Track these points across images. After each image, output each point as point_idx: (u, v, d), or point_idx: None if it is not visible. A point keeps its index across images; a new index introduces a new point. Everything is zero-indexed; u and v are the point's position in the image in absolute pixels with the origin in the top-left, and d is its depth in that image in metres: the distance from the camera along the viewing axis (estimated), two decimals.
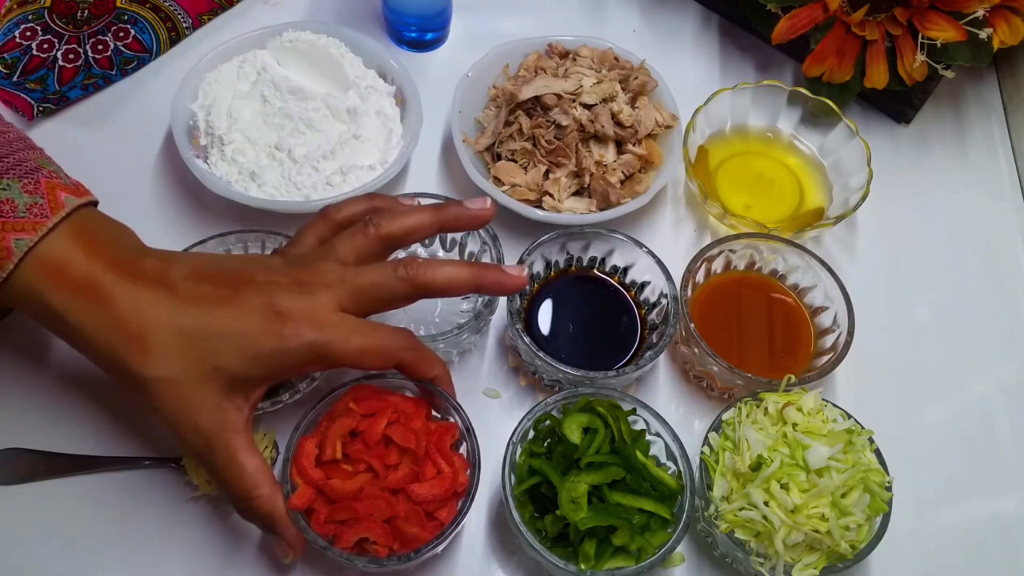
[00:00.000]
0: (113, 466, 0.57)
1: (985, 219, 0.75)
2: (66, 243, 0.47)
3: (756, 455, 0.51)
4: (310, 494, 0.50)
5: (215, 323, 0.47)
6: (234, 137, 0.65)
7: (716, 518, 0.52)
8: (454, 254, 0.66)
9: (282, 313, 0.47)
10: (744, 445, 0.52)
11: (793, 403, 0.54)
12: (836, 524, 0.49)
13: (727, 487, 0.52)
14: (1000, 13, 0.67)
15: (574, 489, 0.51)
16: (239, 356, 0.46)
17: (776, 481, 0.50)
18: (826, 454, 0.50)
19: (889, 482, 0.52)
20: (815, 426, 0.52)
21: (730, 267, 0.66)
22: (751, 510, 0.50)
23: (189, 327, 0.46)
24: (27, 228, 0.46)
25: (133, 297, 0.47)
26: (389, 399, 0.54)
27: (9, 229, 0.46)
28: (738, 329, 0.64)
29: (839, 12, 0.70)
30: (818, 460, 0.50)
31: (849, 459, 0.51)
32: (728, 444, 0.54)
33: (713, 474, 0.53)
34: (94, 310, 0.46)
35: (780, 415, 0.53)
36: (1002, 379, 0.66)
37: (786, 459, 0.51)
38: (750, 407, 0.55)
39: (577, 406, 0.55)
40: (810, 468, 0.50)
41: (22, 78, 0.72)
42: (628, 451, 0.52)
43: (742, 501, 0.51)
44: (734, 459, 0.52)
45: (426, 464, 0.51)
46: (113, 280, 0.47)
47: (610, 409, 0.54)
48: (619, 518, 0.50)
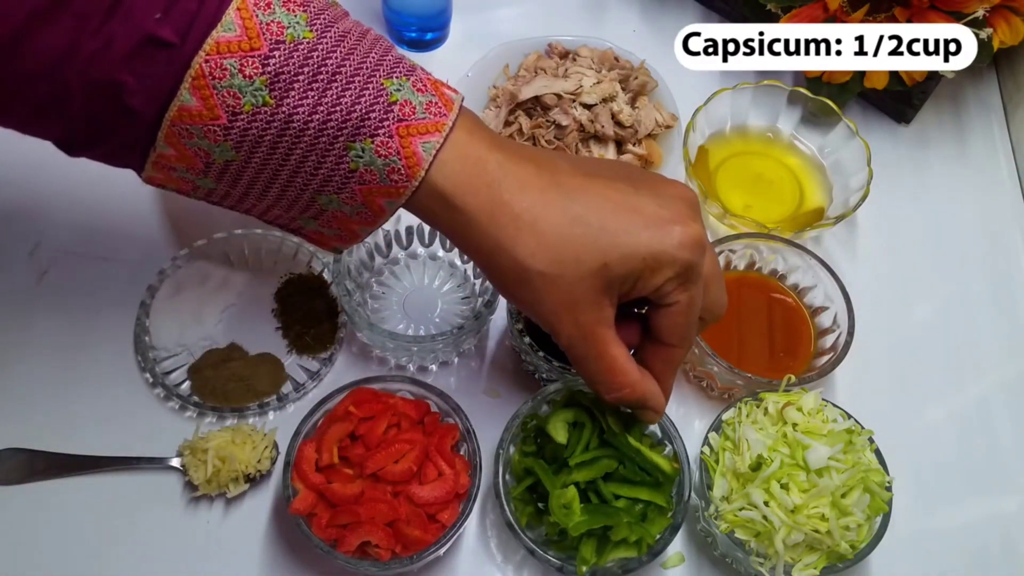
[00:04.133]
0: (113, 466, 0.57)
1: (985, 219, 0.75)
2: (459, 135, 0.44)
3: (756, 455, 0.52)
4: (311, 499, 0.50)
5: (610, 219, 0.44)
6: None
7: (716, 518, 0.52)
8: (454, 253, 0.66)
9: (674, 221, 0.45)
10: (744, 445, 0.52)
11: (793, 403, 0.54)
12: (836, 524, 0.49)
13: (727, 487, 0.52)
14: (1000, 13, 0.67)
15: (563, 496, 0.50)
16: (628, 253, 0.44)
17: (776, 481, 0.50)
18: (826, 454, 0.50)
19: (889, 482, 0.52)
20: (815, 426, 0.52)
21: (730, 267, 0.66)
22: (751, 510, 0.50)
23: (583, 218, 0.44)
24: (430, 129, 0.43)
25: (523, 184, 0.44)
26: (389, 401, 0.54)
27: (414, 133, 0.42)
28: (738, 329, 0.64)
29: (839, 12, 0.70)
30: (818, 460, 0.50)
31: (849, 459, 0.51)
32: (728, 444, 0.54)
33: (713, 474, 0.53)
34: (486, 195, 0.44)
35: (780, 415, 0.53)
36: (1002, 379, 0.66)
37: (786, 459, 0.51)
38: (750, 407, 0.55)
39: (562, 400, 0.54)
40: (810, 468, 0.51)
41: None
42: (619, 441, 0.52)
43: (742, 501, 0.51)
44: (734, 459, 0.52)
45: (427, 466, 0.52)
46: (506, 168, 0.44)
47: (595, 401, 0.53)
48: (613, 516, 0.50)
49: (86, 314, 0.63)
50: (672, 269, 0.44)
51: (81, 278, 0.64)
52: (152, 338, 0.61)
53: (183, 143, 0.40)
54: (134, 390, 0.60)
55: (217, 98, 0.39)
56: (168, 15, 0.38)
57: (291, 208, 0.44)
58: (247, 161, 0.41)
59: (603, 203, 0.45)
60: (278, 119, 0.40)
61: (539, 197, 0.44)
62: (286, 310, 0.63)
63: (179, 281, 0.64)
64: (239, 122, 0.39)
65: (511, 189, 0.44)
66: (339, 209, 0.44)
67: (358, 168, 0.42)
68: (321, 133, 0.40)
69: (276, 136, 0.40)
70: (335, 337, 0.62)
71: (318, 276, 0.64)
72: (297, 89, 0.39)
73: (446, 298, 0.65)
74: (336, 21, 0.42)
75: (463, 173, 0.43)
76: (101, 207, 0.68)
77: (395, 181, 0.42)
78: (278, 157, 0.41)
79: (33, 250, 0.65)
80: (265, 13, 0.39)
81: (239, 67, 0.38)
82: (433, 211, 0.45)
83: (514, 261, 0.44)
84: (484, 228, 0.44)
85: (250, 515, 0.56)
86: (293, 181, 0.42)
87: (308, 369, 0.62)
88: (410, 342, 0.58)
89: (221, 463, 0.55)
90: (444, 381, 0.61)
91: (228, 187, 0.43)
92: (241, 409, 0.59)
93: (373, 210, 0.44)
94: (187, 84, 0.38)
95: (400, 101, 0.42)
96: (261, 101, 0.39)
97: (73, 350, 0.61)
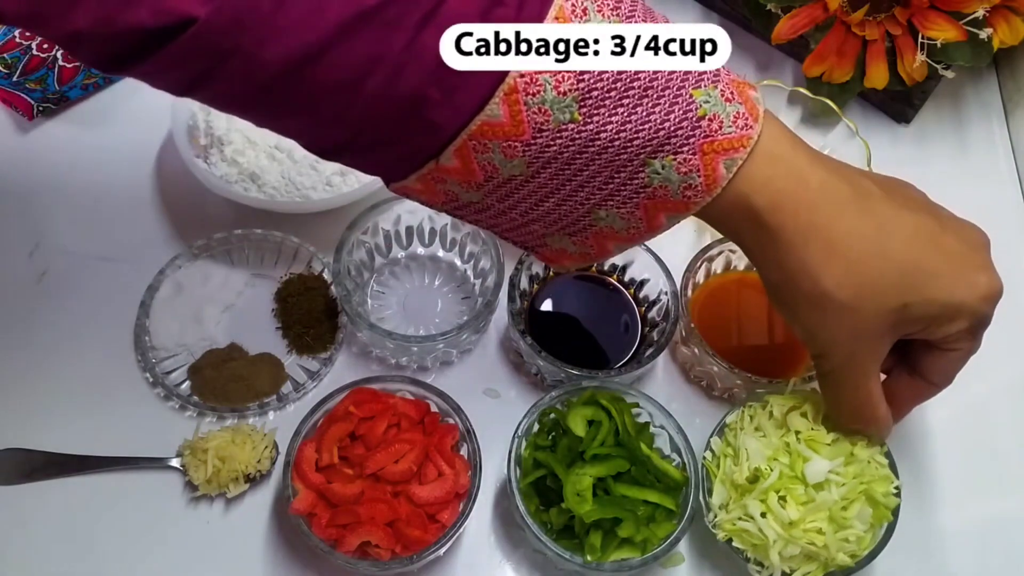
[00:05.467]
0: (113, 466, 0.57)
1: (985, 219, 0.74)
2: (777, 147, 0.41)
3: (754, 468, 0.51)
4: (311, 499, 0.50)
5: (919, 258, 0.43)
6: (234, 138, 0.65)
7: (715, 526, 0.52)
8: (454, 253, 0.66)
9: (980, 269, 0.44)
10: (743, 455, 0.51)
11: (798, 408, 0.53)
12: (833, 538, 0.49)
13: (725, 495, 0.52)
14: (1000, 13, 0.67)
15: (579, 482, 0.51)
16: (930, 298, 0.43)
17: (774, 492, 0.50)
18: (825, 468, 0.49)
19: (897, 487, 0.51)
20: (819, 434, 0.51)
21: (730, 267, 0.66)
22: (748, 521, 0.50)
23: (895, 254, 0.42)
24: (735, 146, 0.39)
25: (841, 209, 0.42)
26: (389, 401, 0.54)
27: (719, 150, 0.39)
28: (738, 329, 0.64)
29: (839, 12, 0.70)
30: (816, 474, 0.49)
31: (850, 472, 0.50)
32: (729, 451, 0.53)
33: (713, 480, 0.53)
34: (805, 218, 0.41)
35: (784, 421, 0.53)
36: (1002, 379, 0.66)
37: (785, 470, 0.50)
38: (755, 410, 0.54)
39: (581, 399, 0.55)
40: (808, 482, 0.50)
41: (22, 78, 0.72)
42: (633, 443, 0.52)
43: (739, 511, 0.51)
44: (733, 469, 0.52)
45: (427, 466, 0.52)
46: (826, 189, 0.42)
47: (613, 401, 0.54)
48: (624, 510, 0.51)
49: (86, 314, 0.63)
50: (968, 320, 0.44)
51: (81, 278, 0.64)
52: (152, 338, 0.61)
53: (473, 157, 0.38)
54: (134, 390, 0.60)
55: (526, 114, 0.37)
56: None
57: (553, 224, 0.42)
58: (533, 177, 0.39)
59: (913, 239, 0.43)
60: (582, 136, 0.37)
61: (855, 225, 0.42)
62: (286, 310, 0.63)
63: (179, 281, 0.64)
64: (542, 138, 0.37)
65: (829, 213, 0.42)
66: (610, 225, 0.41)
67: (652, 184, 0.39)
68: (623, 151, 0.38)
69: (575, 154, 0.38)
70: (335, 337, 0.62)
71: (318, 276, 0.64)
72: (608, 106, 0.37)
73: (446, 298, 0.65)
74: (645, 18, 0.39)
75: (783, 191, 0.41)
76: (101, 207, 0.68)
77: (688, 197, 0.40)
78: (569, 174, 0.39)
79: (33, 250, 0.65)
80: (581, 20, 0.37)
81: (554, 83, 0.36)
82: (736, 224, 0.42)
83: (816, 287, 0.42)
84: (795, 250, 0.41)
85: (250, 515, 0.56)
86: (573, 197, 0.40)
87: (308, 369, 0.62)
88: (410, 342, 0.58)
89: (221, 463, 0.55)
90: (444, 381, 0.61)
91: (495, 201, 0.41)
92: (241, 409, 0.59)
93: (651, 226, 0.42)
94: (498, 98, 0.36)
95: (709, 115, 0.38)
96: (569, 118, 0.37)
97: (73, 350, 0.61)
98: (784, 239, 0.41)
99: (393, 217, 0.63)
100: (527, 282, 0.62)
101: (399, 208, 0.63)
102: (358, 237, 0.62)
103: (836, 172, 0.43)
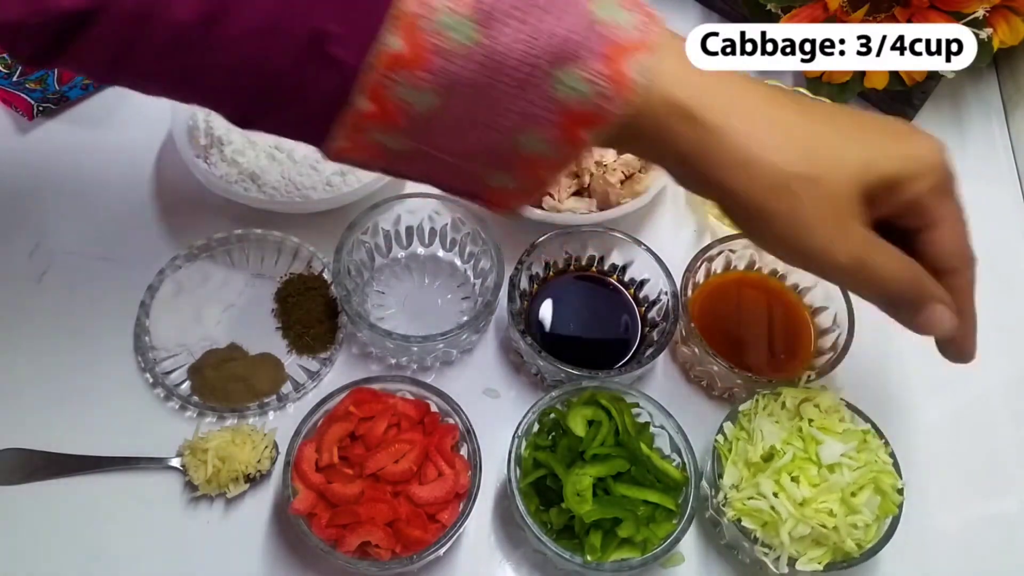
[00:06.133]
0: (113, 466, 0.57)
1: (985, 219, 0.74)
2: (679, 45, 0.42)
3: (769, 445, 0.52)
4: (312, 499, 0.50)
5: (866, 124, 0.43)
6: (234, 138, 0.65)
7: (724, 505, 0.52)
8: (454, 253, 0.66)
9: (918, 132, 0.44)
10: (758, 435, 0.53)
11: (811, 399, 0.54)
12: (844, 521, 0.49)
13: (738, 475, 0.53)
14: (1000, 13, 0.67)
15: (579, 482, 0.51)
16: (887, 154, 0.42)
17: (787, 473, 0.51)
18: (839, 450, 0.51)
19: (901, 486, 0.52)
20: (831, 423, 0.53)
21: (730, 267, 0.66)
22: (760, 499, 0.51)
23: (837, 126, 0.43)
24: (637, 46, 0.39)
25: (769, 96, 0.42)
26: (389, 401, 0.54)
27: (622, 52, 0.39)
28: (738, 329, 0.64)
29: (839, 12, 0.70)
30: (831, 456, 0.50)
31: (862, 458, 0.51)
32: (743, 435, 0.54)
33: (725, 462, 0.53)
34: (740, 105, 0.41)
35: (797, 410, 0.54)
36: (1002, 379, 0.66)
37: (799, 452, 0.51)
38: (767, 399, 0.55)
39: (581, 399, 0.55)
40: (822, 463, 0.51)
41: (22, 78, 0.72)
42: (633, 443, 0.53)
43: (751, 490, 0.51)
44: (747, 448, 0.53)
45: (427, 466, 0.52)
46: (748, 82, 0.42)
47: (613, 401, 0.54)
48: (624, 510, 0.51)
49: (86, 314, 0.63)
50: (933, 176, 0.43)
51: (81, 278, 0.64)
52: (152, 338, 0.61)
53: (386, 95, 0.38)
54: (134, 390, 0.60)
55: (426, 40, 0.37)
56: None
57: (484, 159, 0.42)
58: (447, 108, 0.39)
59: (849, 118, 0.43)
60: (486, 58, 0.37)
61: (791, 106, 0.42)
62: (286, 310, 0.63)
63: (179, 281, 0.64)
64: (445, 63, 0.37)
65: (760, 96, 0.42)
66: (535, 150, 0.41)
67: (560, 97, 0.39)
68: (525, 66, 0.38)
69: (482, 76, 0.38)
70: (335, 337, 0.62)
71: (318, 276, 0.64)
72: (511, 25, 0.37)
73: (446, 298, 0.65)
74: None
75: (706, 84, 0.41)
76: (101, 207, 0.68)
77: (601, 106, 0.39)
78: (481, 100, 0.39)
79: (33, 250, 0.65)
80: None
81: (450, 6, 0.36)
82: (674, 133, 0.41)
83: (770, 167, 0.41)
84: (737, 139, 0.41)
85: (250, 515, 0.56)
86: (493, 125, 0.40)
87: (308, 369, 0.62)
88: (410, 342, 0.58)
89: (221, 463, 0.55)
90: (444, 381, 0.61)
91: (422, 144, 0.41)
92: (241, 409, 0.59)
93: (573, 143, 0.41)
94: (392, 25, 0.36)
95: (604, 20, 0.39)
96: (470, 40, 0.37)
97: (73, 350, 0.61)
98: (723, 131, 0.41)
99: (393, 217, 0.63)
100: (527, 282, 0.62)
101: (399, 208, 0.63)
102: (358, 237, 0.62)
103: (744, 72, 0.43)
